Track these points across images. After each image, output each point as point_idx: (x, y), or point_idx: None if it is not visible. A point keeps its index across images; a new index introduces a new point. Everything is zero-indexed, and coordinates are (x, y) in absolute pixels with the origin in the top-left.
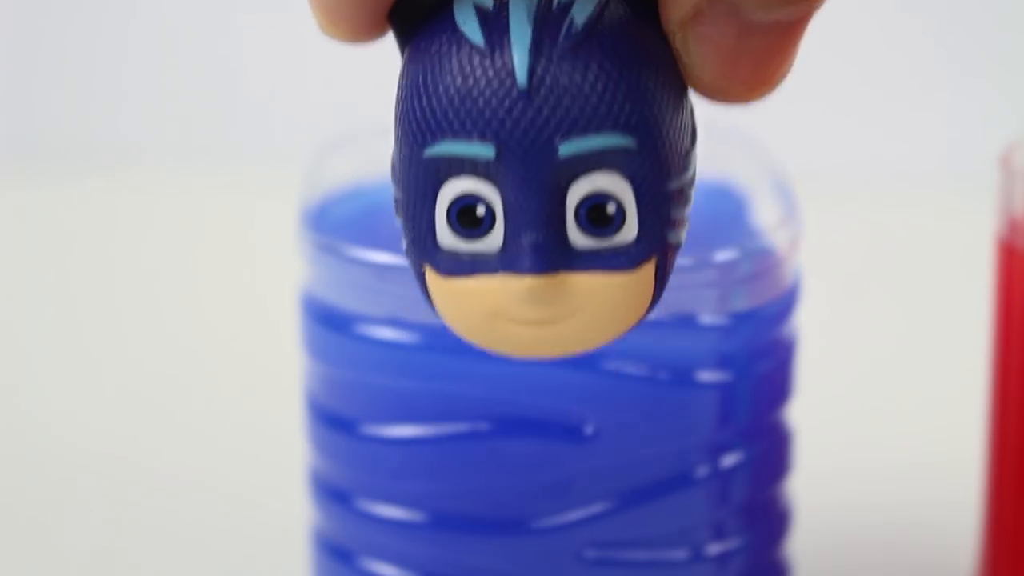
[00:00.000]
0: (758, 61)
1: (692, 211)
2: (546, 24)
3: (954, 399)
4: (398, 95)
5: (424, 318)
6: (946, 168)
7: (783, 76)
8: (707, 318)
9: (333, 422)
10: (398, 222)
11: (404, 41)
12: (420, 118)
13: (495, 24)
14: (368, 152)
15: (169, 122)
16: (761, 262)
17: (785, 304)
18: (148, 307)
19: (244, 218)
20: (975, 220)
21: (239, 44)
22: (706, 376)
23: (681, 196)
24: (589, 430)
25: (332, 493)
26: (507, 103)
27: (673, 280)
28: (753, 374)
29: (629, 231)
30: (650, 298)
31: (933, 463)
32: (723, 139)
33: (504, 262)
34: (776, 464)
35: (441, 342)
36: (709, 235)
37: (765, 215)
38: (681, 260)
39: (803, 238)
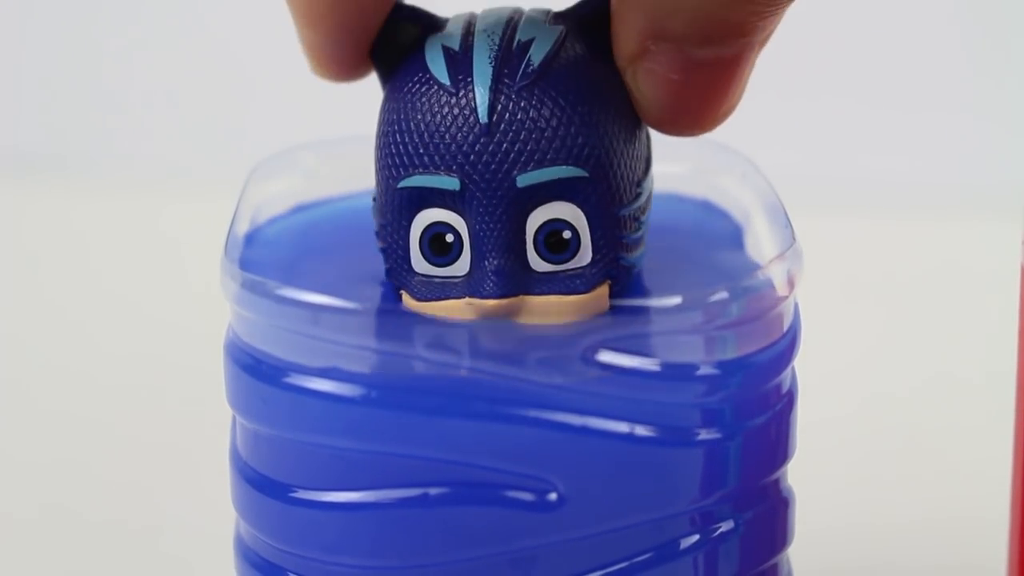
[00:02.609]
0: (705, 95)
1: (682, 230)
2: (506, 63)
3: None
4: (377, 131)
5: (366, 368)
6: (962, 183)
7: (731, 109)
8: (692, 367)
9: (262, 486)
10: (379, 246)
11: (384, 79)
12: (394, 152)
13: (460, 64)
14: (306, 173)
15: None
16: (754, 303)
17: (781, 350)
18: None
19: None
20: (996, 240)
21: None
22: (691, 434)
23: (633, 222)
24: (554, 496)
25: (261, 567)
26: (470, 138)
27: (654, 324)
28: (745, 431)
29: (584, 256)
30: (606, 309)
31: (951, 520)
32: (716, 161)
33: (470, 286)
34: (772, 534)
35: (385, 396)
36: (695, 268)
37: (760, 249)
38: (663, 301)
39: (801, 275)
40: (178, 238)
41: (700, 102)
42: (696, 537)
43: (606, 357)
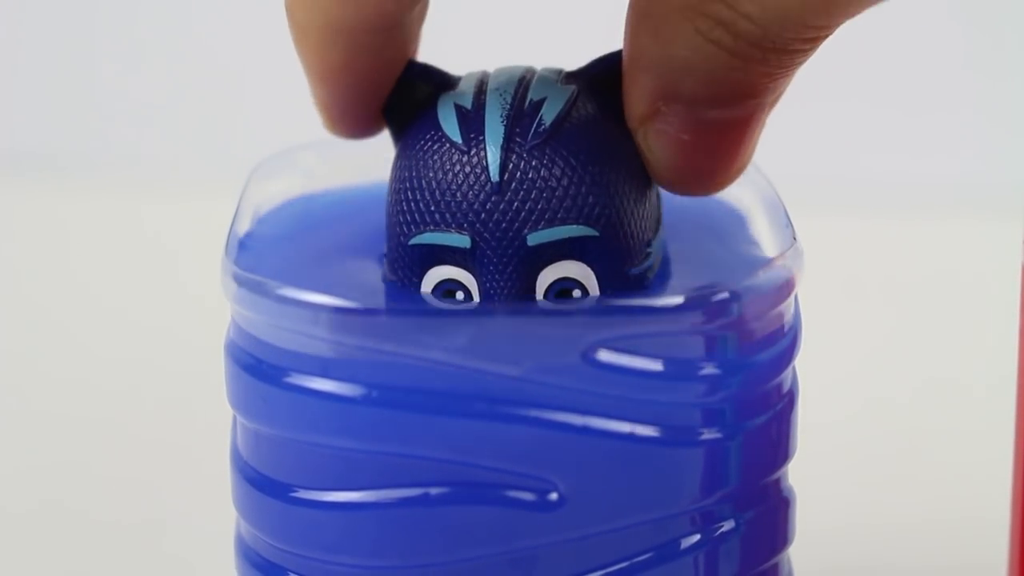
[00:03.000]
0: (715, 155)
1: (683, 229)
2: (518, 122)
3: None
4: (389, 187)
5: (367, 368)
6: (962, 183)
7: (742, 168)
8: (693, 367)
9: (262, 485)
10: None
11: (397, 136)
12: (406, 209)
13: (472, 122)
14: (306, 173)
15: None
16: (755, 303)
17: (782, 350)
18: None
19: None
20: (996, 240)
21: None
22: (692, 433)
23: (642, 281)
24: (555, 496)
25: (261, 566)
26: (481, 196)
27: (655, 324)
28: (745, 430)
29: None
30: None
31: (952, 520)
32: None
33: None
34: (772, 534)
35: (386, 396)
36: (696, 267)
37: (760, 248)
38: (664, 301)
39: (802, 275)
40: (179, 238)
41: (711, 162)
42: (697, 537)
43: (607, 357)
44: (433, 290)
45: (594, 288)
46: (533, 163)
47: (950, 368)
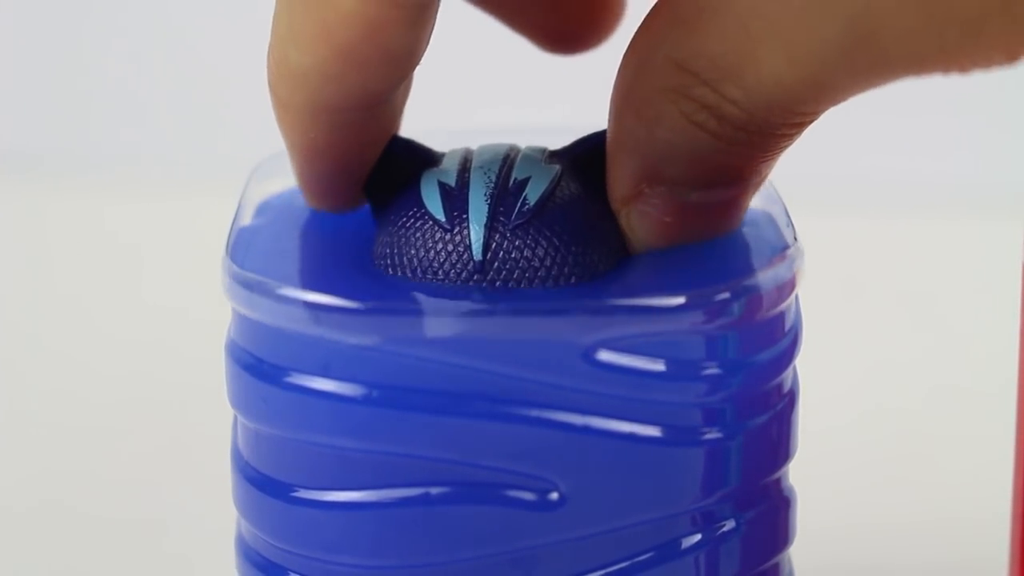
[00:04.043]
0: (698, 237)
1: None
2: (502, 201)
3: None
4: (373, 260)
5: (367, 367)
6: (962, 183)
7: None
8: (693, 366)
9: (263, 485)
10: None
11: (378, 212)
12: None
13: (456, 201)
14: None
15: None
16: (756, 302)
17: (783, 350)
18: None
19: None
20: (996, 240)
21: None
22: (692, 433)
23: None
24: (555, 496)
25: (262, 566)
26: (464, 275)
27: (655, 323)
28: (746, 430)
29: None
30: None
31: (952, 519)
32: None
33: None
34: (773, 533)
35: (386, 395)
36: (697, 267)
37: (761, 248)
38: (664, 301)
39: (802, 275)
40: (179, 237)
41: (693, 242)
42: (697, 536)
43: (607, 356)
44: None
45: None
46: (516, 243)
47: (950, 368)
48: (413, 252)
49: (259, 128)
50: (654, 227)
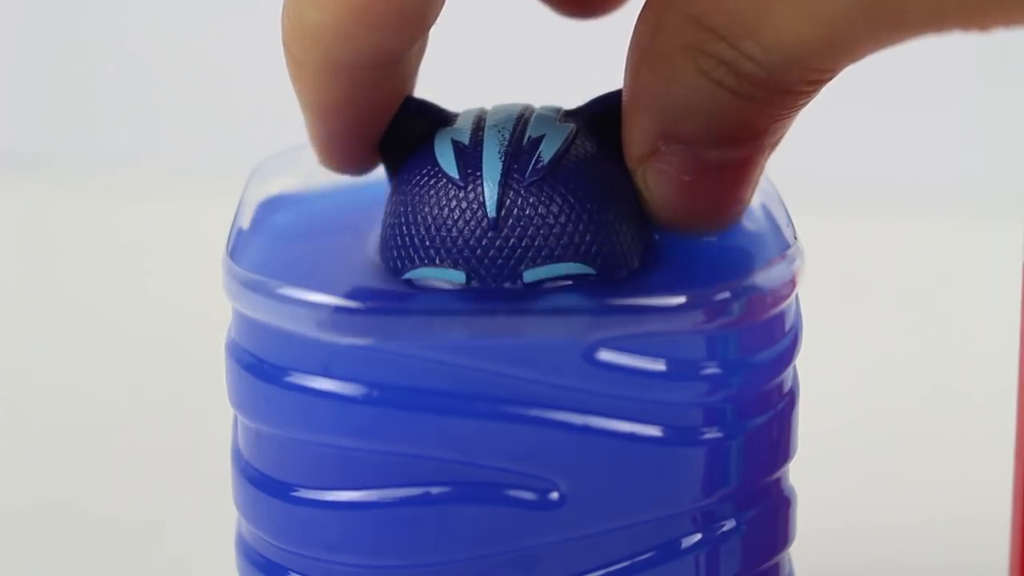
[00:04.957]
0: (715, 196)
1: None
2: (516, 159)
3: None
4: (384, 220)
5: (368, 367)
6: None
7: (742, 209)
8: (693, 366)
9: (263, 485)
10: None
11: (392, 172)
12: (400, 245)
13: (470, 158)
14: (306, 173)
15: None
16: (756, 302)
17: (783, 350)
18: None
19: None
20: (996, 240)
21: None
22: (693, 433)
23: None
24: (556, 495)
25: (262, 566)
26: (478, 232)
27: (656, 323)
28: (746, 430)
29: None
30: None
31: (953, 519)
32: None
33: None
34: (773, 533)
35: (387, 395)
36: (697, 266)
37: (761, 248)
38: (665, 300)
39: (803, 275)
40: (179, 237)
41: (710, 203)
42: (698, 536)
43: (608, 356)
44: None
45: None
46: (531, 200)
47: (950, 368)
48: (427, 210)
49: (259, 128)
50: (670, 185)
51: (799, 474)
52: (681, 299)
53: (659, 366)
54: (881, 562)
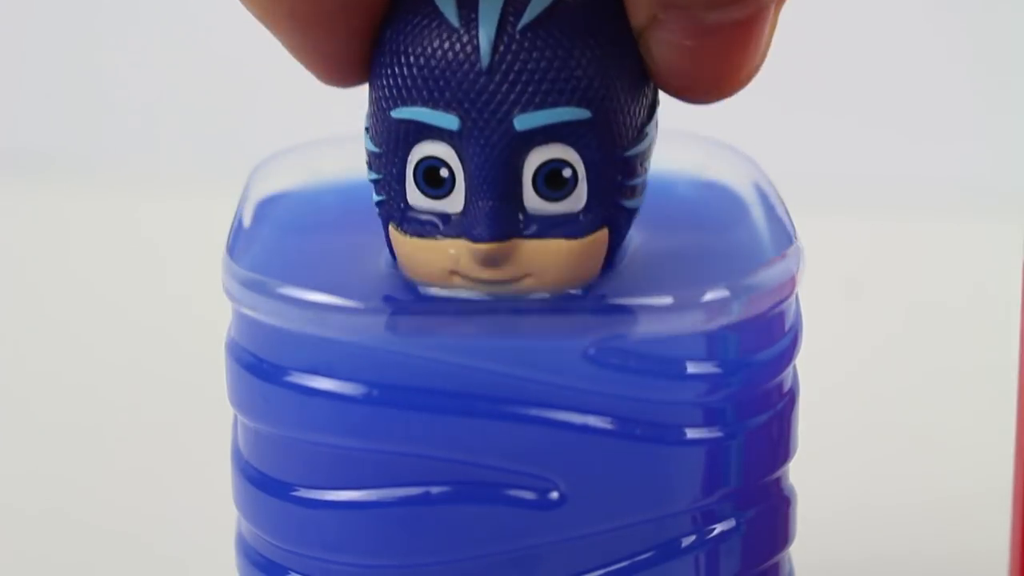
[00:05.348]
0: (720, 60)
1: (683, 226)
2: (513, 2)
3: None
4: (375, 59)
5: (368, 366)
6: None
7: (751, 73)
8: (693, 366)
9: (263, 484)
10: (370, 177)
11: (387, 19)
12: (392, 83)
13: (469, 1)
14: (307, 172)
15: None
16: (756, 302)
17: (783, 349)
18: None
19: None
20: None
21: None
22: (692, 433)
23: (635, 167)
24: (555, 495)
25: (262, 565)
26: (471, 77)
27: (655, 323)
28: (746, 430)
29: (581, 198)
30: (602, 260)
31: (953, 519)
32: (718, 159)
33: (463, 226)
34: (773, 533)
35: (387, 394)
36: (697, 266)
37: (761, 247)
38: (665, 300)
39: (803, 274)
40: (180, 237)
41: (716, 67)
42: (697, 536)
43: (607, 356)
44: (417, 165)
45: (583, 172)
46: (526, 44)
47: (950, 368)
48: (421, 51)
49: (259, 128)
50: (674, 53)
51: (799, 474)
52: (681, 298)
53: (659, 366)
54: (881, 561)
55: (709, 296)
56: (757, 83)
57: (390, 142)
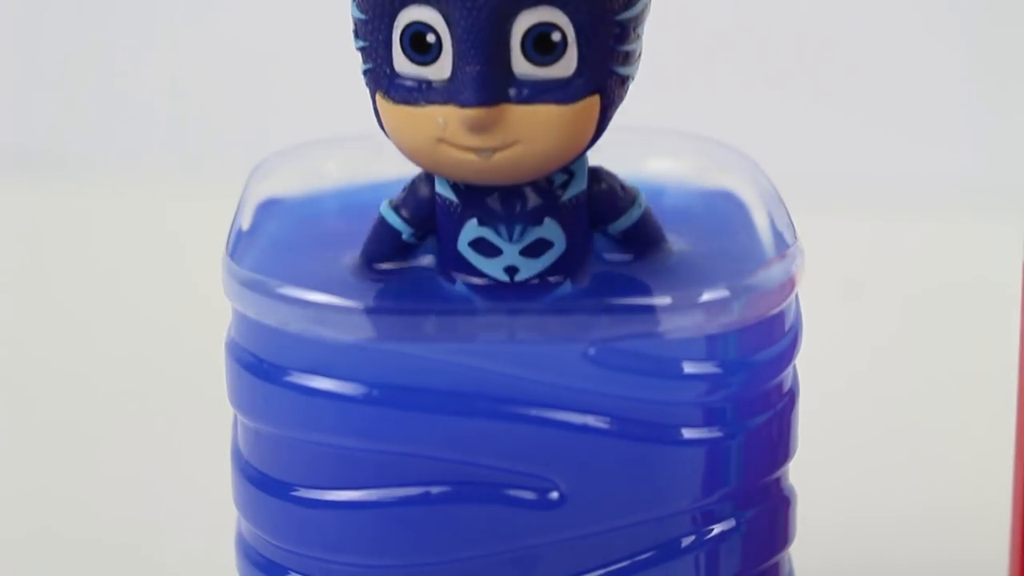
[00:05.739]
0: None
1: (683, 226)
2: None
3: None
4: None
5: (368, 366)
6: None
7: None
8: (693, 367)
9: (263, 484)
10: (357, 45)
11: None
12: None
13: None
14: (307, 172)
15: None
16: (756, 302)
17: (783, 349)
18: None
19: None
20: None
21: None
22: (692, 433)
23: (628, 30)
24: (555, 495)
25: (262, 565)
26: None
27: (655, 323)
28: (746, 430)
29: (571, 62)
30: (593, 130)
31: (954, 520)
32: (718, 159)
33: (450, 92)
34: (773, 533)
35: (387, 394)
36: (697, 265)
37: (761, 247)
38: (664, 300)
39: (803, 274)
40: (180, 237)
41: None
42: (697, 536)
43: (607, 356)
44: (404, 30)
45: (573, 35)
46: None
47: (950, 368)
48: None
49: (259, 128)
50: None
51: (799, 474)
52: (681, 299)
53: (659, 366)
54: (881, 561)
55: (709, 296)
56: (757, 83)
57: (376, 7)
